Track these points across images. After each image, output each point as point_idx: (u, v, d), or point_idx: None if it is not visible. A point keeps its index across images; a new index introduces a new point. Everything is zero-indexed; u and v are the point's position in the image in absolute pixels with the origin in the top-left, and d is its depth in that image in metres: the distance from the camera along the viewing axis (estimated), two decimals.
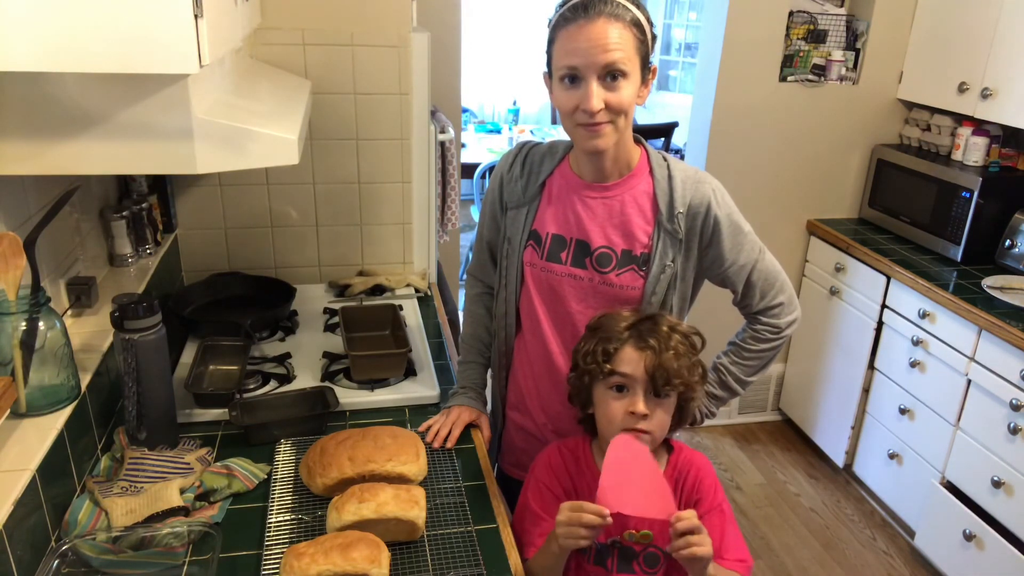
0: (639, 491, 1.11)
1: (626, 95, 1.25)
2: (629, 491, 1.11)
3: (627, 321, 1.23)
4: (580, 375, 1.25)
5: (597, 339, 1.23)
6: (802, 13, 2.87)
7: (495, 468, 1.64)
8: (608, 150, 1.31)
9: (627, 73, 1.24)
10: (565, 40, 1.25)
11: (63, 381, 1.26)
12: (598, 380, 1.22)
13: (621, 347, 1.20)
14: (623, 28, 1.22)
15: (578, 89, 1.25)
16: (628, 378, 1.19)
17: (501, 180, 1.49)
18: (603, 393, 1.22)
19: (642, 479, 1.12)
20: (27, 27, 0.95)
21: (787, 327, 1.45)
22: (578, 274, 1.39)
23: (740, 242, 1.38)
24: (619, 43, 1.22)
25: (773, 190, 3.06)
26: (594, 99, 1.23)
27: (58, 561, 1.09)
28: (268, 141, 1.21)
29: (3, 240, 1.14)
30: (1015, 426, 2.21)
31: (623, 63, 1.22)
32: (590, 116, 1.25)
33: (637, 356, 1.18)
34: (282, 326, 1.90)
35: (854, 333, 2.92)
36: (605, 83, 1.24)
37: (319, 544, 1.09)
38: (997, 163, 2.72)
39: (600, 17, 1.21)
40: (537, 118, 6.59)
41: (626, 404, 1.19)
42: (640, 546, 1.21)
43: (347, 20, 1.94)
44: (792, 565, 2.65)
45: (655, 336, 1.19)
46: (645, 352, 1.18)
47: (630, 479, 1.12)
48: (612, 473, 1.12)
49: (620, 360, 1.19)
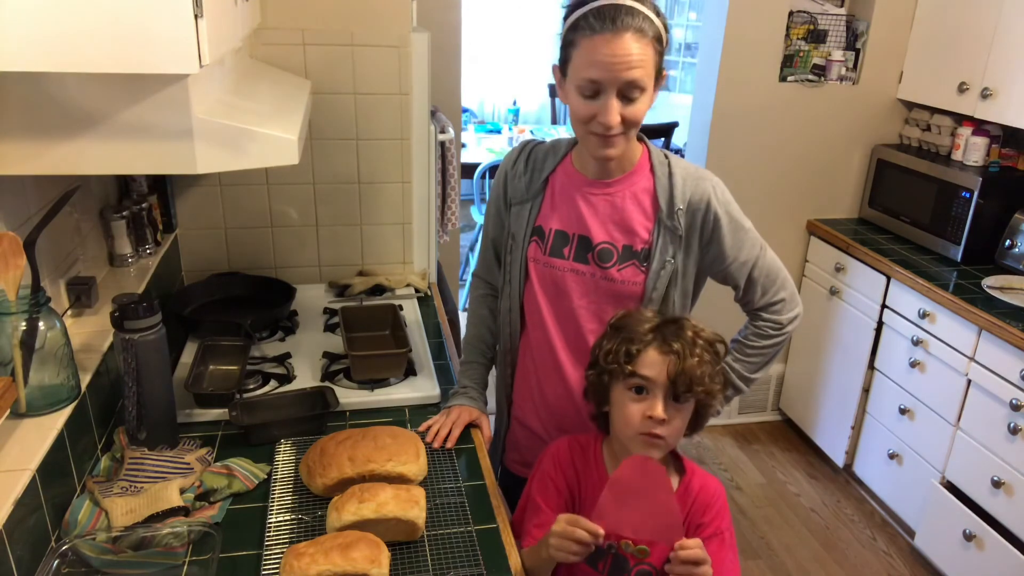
0: (645, 514, 1.10)
1: (642, 109, 1.26)
2: (632, 513, 1.10)
3: (651, 323, 1.21)
4: (599, 373, 1.22)
5: (620, 338, 1.20)
6: (802, 13, 2.87)
7: (499, 467, 1.64)
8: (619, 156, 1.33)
9: (646, 89, 1.24)
10: (588, 50, 1.23)
11: (63, 381, 1.26)
12: (618, 380, 1.19)
13: (644, 349, 1.17)
14: (646, 44, 1.22)
15: (596, 101, 1.25)
16: (649, 381, 1.16)
17: (505, 177, 1.50)
18: (622, 394, 1.19)
19: (651, 502, 1.11)
20: (27, 27, 0.96)
21: (789, 323, 1.45)
22: (580, 269, 1.40)
23: (741, 239, 1.39)
24: (642, 60, 1.21)
25: (773, 190, 3.06)
26: (613, 114, 1.24)
27: (58, 561, 1.09)
28: (268, 141, 1.21)
29: (3, 240, 1.14)
30: (1015, 426, 2.20)
31: (643, 81, 1.23)
32: (606, 129, 1.25)
33: (660, 359, 1.16)
34: (282, 326, 1.90)
35: (854, 333, 2.92)
36: (624, 98, 1.24)
37: (319, 544, 1.09)
38: (997, 163, 2.72)
39: (627, 32, 1.20)
40: (537, 118, 6.59)
41: (645, 408, 1.16)
42: (635, 559, 1.21)
43: (347, 20, 1.94)
44: (792, 565, 2.65)
45: (679, 340, 1.17)
46: (669, 356, 1.15)
47: (637, 500, 1.10)
48: (617, 491, 1.11)
49: (642, 362, 1.16)
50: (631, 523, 1.11)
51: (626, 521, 1.10)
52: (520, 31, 6.34)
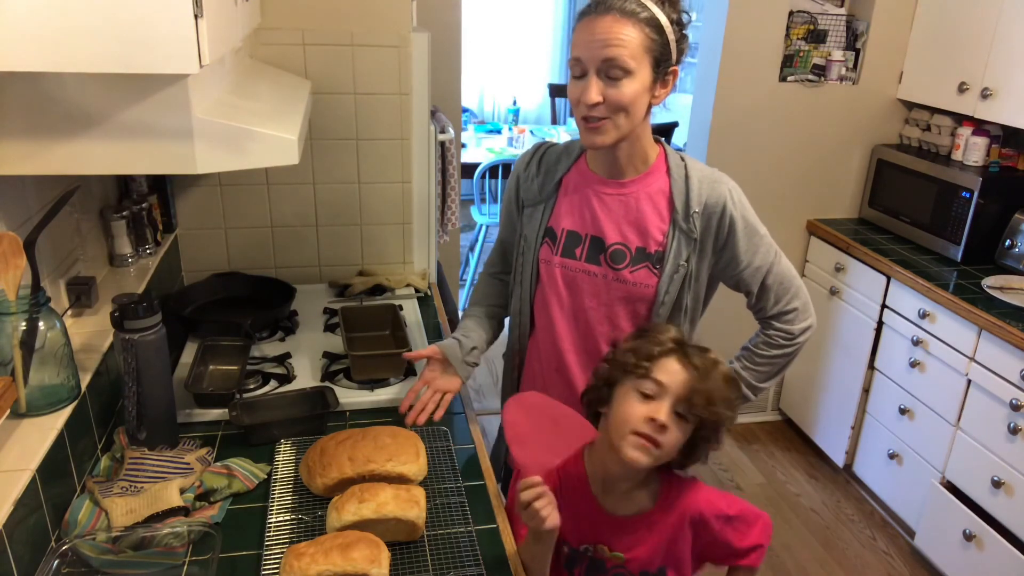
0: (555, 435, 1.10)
1: (627, 92, 1.24)
2: (545, 445, 1.10)
3: (677, 335, 1.18)
4: (613, 367, 1.18)
5: (644, 339, 1.17)
6: (802, 13, 2.86)
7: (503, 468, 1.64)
8: (609, 146, 1.31)
9: (630, 71, 1.23)
10: (577, 32, 1.27)
11: (63, 381, 1.26)
12: (629, 378, 1.15)
13: (666, 354, 1.13)
14: (632, 26, 1.22)
15: (582, 82, 1.26)
16: (661, 387, 1.12)
17: (518, 180, 1.50)
18: (628, 392, 1.14)
19: (551, 423, 1.11)
20: (27, 27, 0.96)
21: (801, 334, 1.42)
22: (592, 270, 1.40)
23: (756, 244, 1.38)
24: (623, 40, 1.22)
25: (773, 190, 3.06)
26: (591, 92, 1.24)
27: (58, 561, 1.09)
28: (268, 141, 1.21)
29: (3, 240, 1.14)
30: (1015, 426, 2.20)
31: (624, 60, 1.22)
32: (588, 109, 1.26)
33: (679, 369, 1.12)
34: (282, 326, 1.90)
35: (854, 333, 2.92)
36: (606, 79, 1.24)
37: (319, 544, 1.09)
38: (997, 163, 2.72)
39: (609, 13, 1.23)
40: (537, 117, 6.59)
41: (649, 410, 1.11)
42: (611, 563, 1.20)
43: (347, 20, 1.94)
44: (792, 565, 2.65)
45: (702, 358, 1.14)
46: (688, 369, 1.12)
47: (539, 433, 1.10)
48: (519, 440, 1.11)
49: (660, 367, 1.13)
50: (550, 451, 1.10)
51: (544, 455, 1.10)
52: (520, 31, 6.33)
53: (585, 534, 1.21)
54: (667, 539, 1.21)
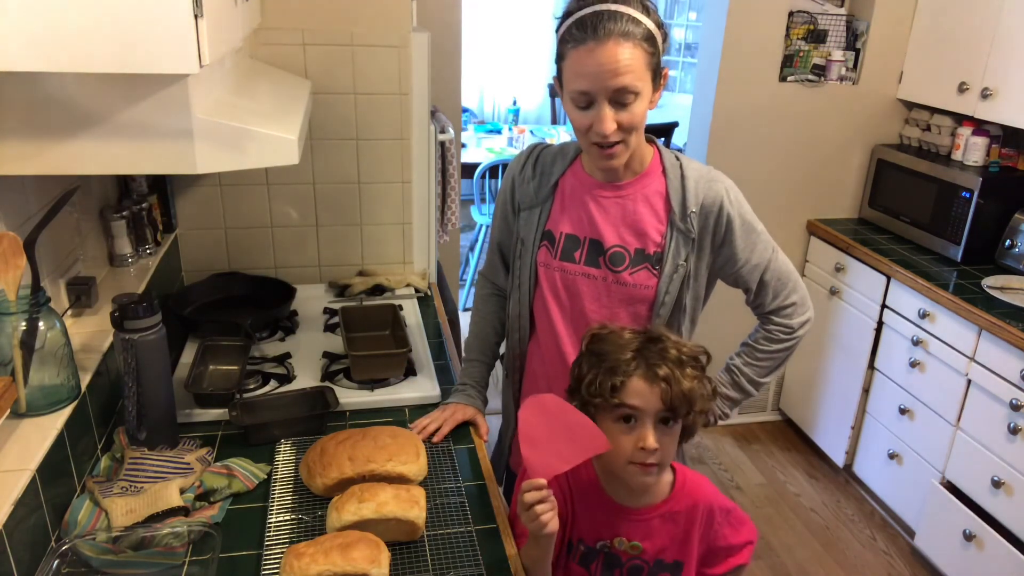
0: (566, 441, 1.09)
1: (638, 112, 1.24)
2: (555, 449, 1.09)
3: (631, 346, 1.15)
4: (584, 406, 1.15)
5: (601, 368, 1.14)
6: (802, 13, 2.86)
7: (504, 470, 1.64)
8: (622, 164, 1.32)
9: (639, 92, 1.23)
10: (575, 62, 1.22)
11: (63, 381, 1.26)
12: (604, 412, 1.14)
13: (628, 379, 1.12)
14: (633, 47, 1.20)
15: (590, 111, 1.24)
16: (637, 410, 1.11)
17: (513, 182, 1.49)
18: (609, 426, 1.14)
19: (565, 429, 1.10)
20: (26, 27, 0.95)
21: (800, 327, 1.44)
22: (592, 273, 1.40)
23: (753, 241, 1.38)
24: (630, 64, 1.20)
25: (773, 190, 3.06)
26: (607, 123, 1.23)
27: (58, 561, 1.09)
28: (268, 141, 1.21)
29: (3, 240, 1.14)
30: (1015, 426, 2.20)
31: (634, 85, 1.21)
32: (603, 138, 1.25)
33: (647, 388, 1.11)
34: (282, 326, 1.90)
35: (854, 333, 2.92)
36: (617, 105, 1.23)
37: (319, 544, 1.09)
38: (997, 163, 2.72)
39: (610, 39, 1.19)
40: (537, 117, 6.59)
41: (635, 439, 1.11)
42: (627, 555, 1.20)
43: (347, 20, 1.94)
44: (792, 565, 2.65)
45: (665, 363, 1.12)
46: (656, 384, 1.10)
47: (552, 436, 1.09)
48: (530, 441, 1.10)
49: (628, 392, 1.11)
50: (560, 457, 1.09)
51: (554, 460, 1.09)
52: (520, 31, 6.33)
53: (601, 531, 1.21)
54: (682, 529, 1.22)
